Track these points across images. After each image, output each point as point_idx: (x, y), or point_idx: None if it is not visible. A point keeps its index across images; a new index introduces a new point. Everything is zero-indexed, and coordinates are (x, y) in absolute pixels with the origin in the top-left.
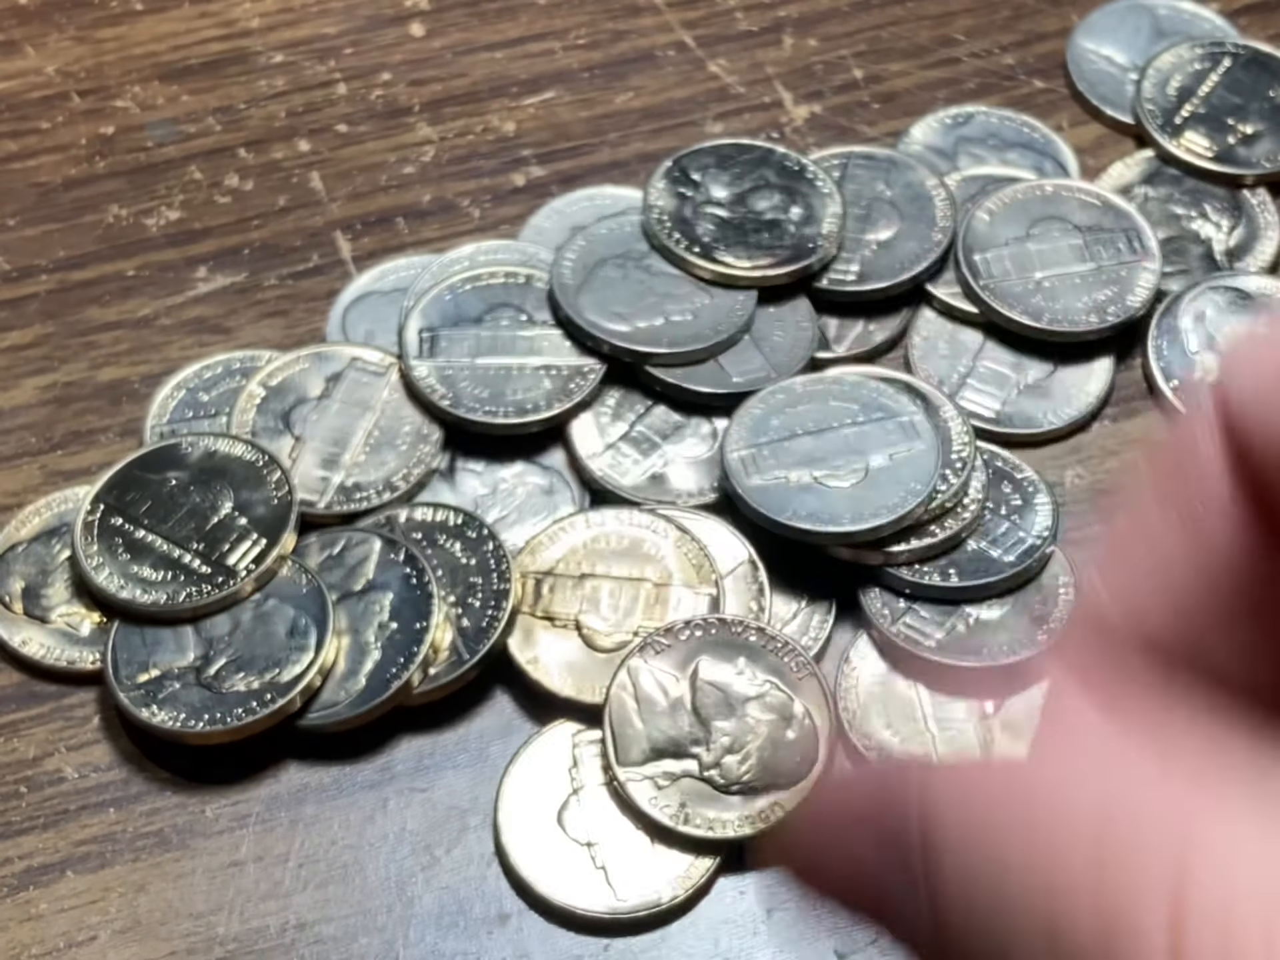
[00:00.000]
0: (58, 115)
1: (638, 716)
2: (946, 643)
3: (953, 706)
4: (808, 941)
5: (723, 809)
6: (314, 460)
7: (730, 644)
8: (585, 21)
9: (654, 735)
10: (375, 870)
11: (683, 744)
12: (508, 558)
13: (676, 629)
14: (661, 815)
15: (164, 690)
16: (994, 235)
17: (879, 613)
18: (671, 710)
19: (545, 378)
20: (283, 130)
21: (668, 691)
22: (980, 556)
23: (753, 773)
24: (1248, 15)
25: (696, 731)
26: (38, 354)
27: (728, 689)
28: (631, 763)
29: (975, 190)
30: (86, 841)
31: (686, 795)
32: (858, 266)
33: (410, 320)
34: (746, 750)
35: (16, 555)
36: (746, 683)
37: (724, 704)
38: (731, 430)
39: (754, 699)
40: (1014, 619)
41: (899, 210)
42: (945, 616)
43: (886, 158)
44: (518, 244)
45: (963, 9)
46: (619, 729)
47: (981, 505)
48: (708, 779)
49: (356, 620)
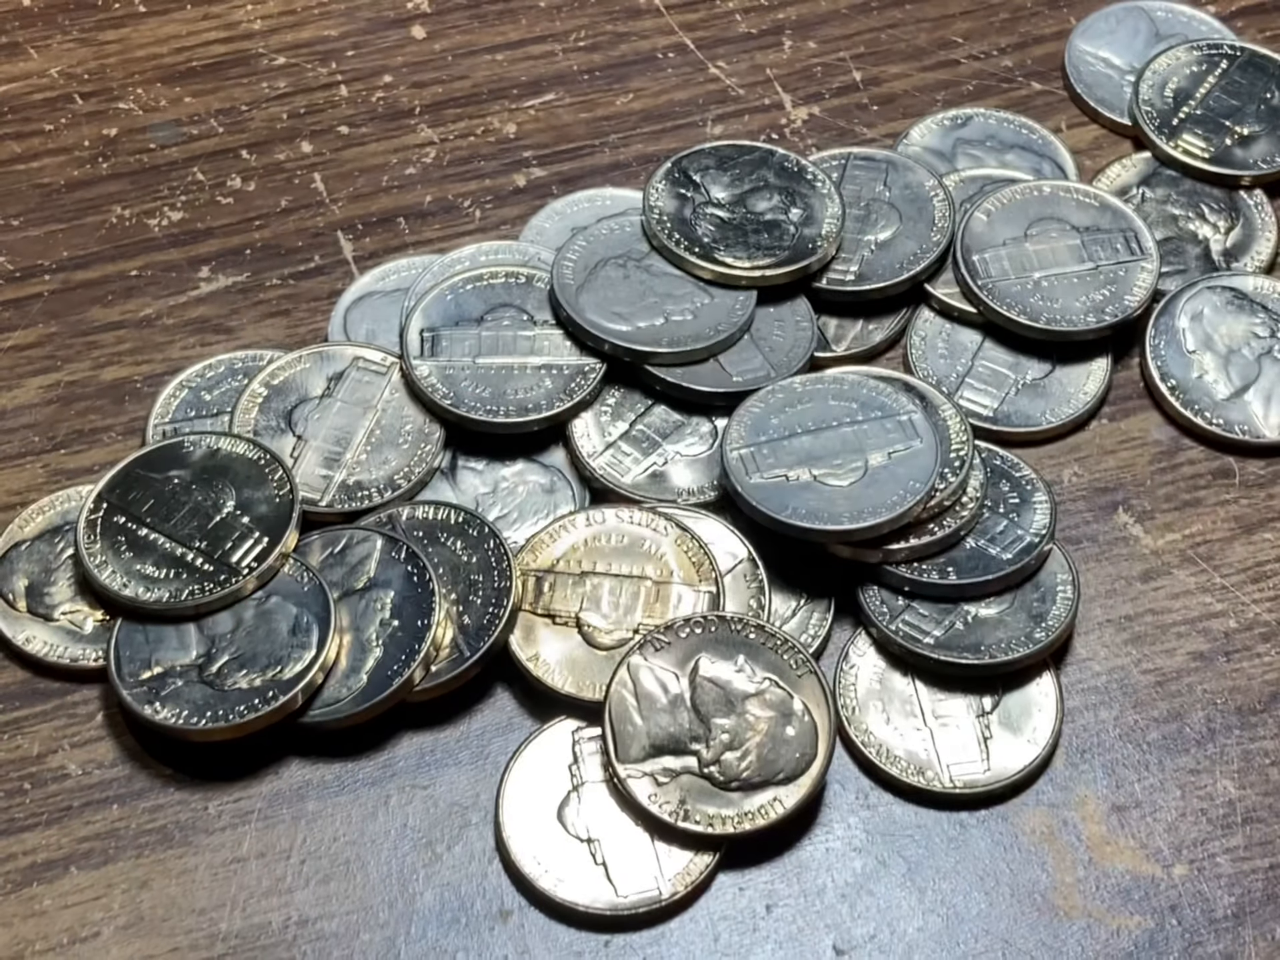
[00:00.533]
0: (61, 117)
1: (638, 713)
2: (945, 640)
3: (951, 702)
4: (806, 937)
5: (722, 805)
6: (316, 459)
7: (730, 641)
8: (586, 24)
9: (654, 732)
10: (377, 866)
11: (682, 741)
12: (509, 555)
13: (676, 626)
14: (661, 812)
15: (166, 687)
16: (992, 235)
17: (877, 610)
18: (671, 707)
19: (546, 377)
20: (285, 132)
21: (668, 689)
22: (978, 554)
23: (752, 769)
24: (1244, 17)
25: (696, 728)
26: (41, 354)
27: (727, 686)
28: (632, 759)
29: (974, 191)
30: (90, 838)
31: (686, 792)
32: (857, 267)
33: (412, 320)
34: (746, 747)
35: (20, 553)
36: (746, 680)
37: (724, 701)
38: (731, 429)
39: (753, 696)
40: (1012, 616)
41: (898, 211)
42: (944, 614)
43: (885, 159)
44: (519, 244)
45: (961, 12)
46: (619, 726)
47: (979, 503)
48: (708, 775)
49: (358, 618)
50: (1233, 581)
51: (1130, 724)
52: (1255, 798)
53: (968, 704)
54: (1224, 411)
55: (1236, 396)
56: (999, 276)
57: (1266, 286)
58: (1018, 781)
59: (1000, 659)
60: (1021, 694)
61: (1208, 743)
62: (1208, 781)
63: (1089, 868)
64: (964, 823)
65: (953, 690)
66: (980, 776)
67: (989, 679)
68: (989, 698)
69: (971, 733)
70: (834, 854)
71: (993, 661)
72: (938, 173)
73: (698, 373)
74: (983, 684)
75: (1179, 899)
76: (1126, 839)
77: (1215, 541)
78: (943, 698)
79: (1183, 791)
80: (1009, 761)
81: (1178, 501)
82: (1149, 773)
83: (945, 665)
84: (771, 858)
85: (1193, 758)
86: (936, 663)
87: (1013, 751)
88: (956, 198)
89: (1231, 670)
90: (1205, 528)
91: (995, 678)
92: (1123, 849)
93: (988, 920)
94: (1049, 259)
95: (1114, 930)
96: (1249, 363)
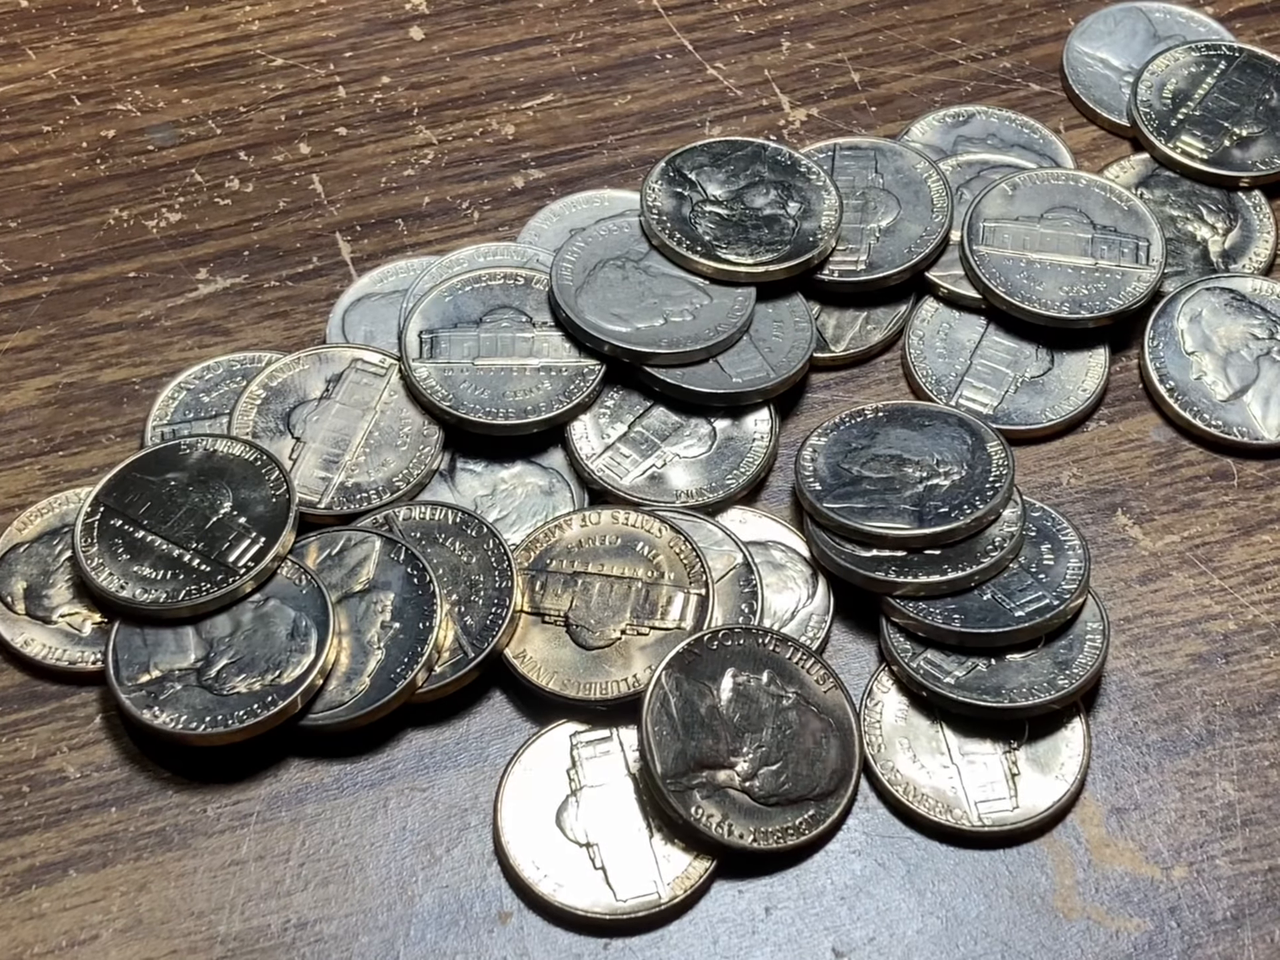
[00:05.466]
0: (59, 118)
1: (675, 729)
2: (966, 680)
3: (977, 739)
4: (805, 939)
5: (763, 821)
6: (314, 461)
7: (756, 655)
8: (584, 25)
9: (690, 749)
10: (376, 869)
11: (721, 756)
12: (508, 555)
13: (705, 640)
14: (708, 827)
15: (165, 691)
16: (1009, 209)
17: (900, 647)
18: (707, 722)
19: (545, 379)
20: (283, 133)
21: (701, 704)
22: (992, 607)
23: (790, 783)
24: (1243, 19)
25: (733, 743)
26: (39, 355)
27: (759, 700)
28: (672, 774)
29: (970, 176)
30: (88, 840)
31: (728, 808)
32: (866, 256)
33: (411, 322)
34: (783, 761)
35: (18, 556)
36: (776, 694)
37: (756, 715)
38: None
39: (784, 710)
40: (1037, 661)
41: (894, 196)
42: (966, 654)
43: (871, 146)
44: (517, 246)
45: (959, 13)
46: (657, 741)
47: (1005, 556)
48: (747, 790)
49: (358, 620)
50: (1232, 583)
51: (1129, 726)
52: (1254, 800)
53: (994, 740)
54: (1222, 413)
55: (1235, 398)
56: (996, 247)
57: (1265, 288)
58: (1045, 820)
59: (1021, 704)
60: (1049, 730)
61: (1207, 745)
62: (1207, 784)
63: (1088, 870)
64: None
65: (978, 728)
66: (1009, 815)
67: (1012, 722)
68: (1015, 736)
69: (999, 769)
70: (833, 856)
71: (1013, 706)
72: (927, 156)
73: (697, 373)
74: (1008, 725)
75: (1178, 901)
76: (1126, 841)
77: (1214, 543)
78: (969, 734)
79: (1182, 794)
80: (1037, 799)
81: (1176, 503)
82: (1148, 775)
83: (965, 706)
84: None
85: (1192, 760)
86: (956, 703)
87: (1041, 788)
88: (953, 181)
89: (1230, 672)
90: (1204, 529)
91: (1019, 721)
92: (1122, 851)
93: (987, 922)
94: (1052, 244)
95: (1113, 932)
96: (1247, 364)
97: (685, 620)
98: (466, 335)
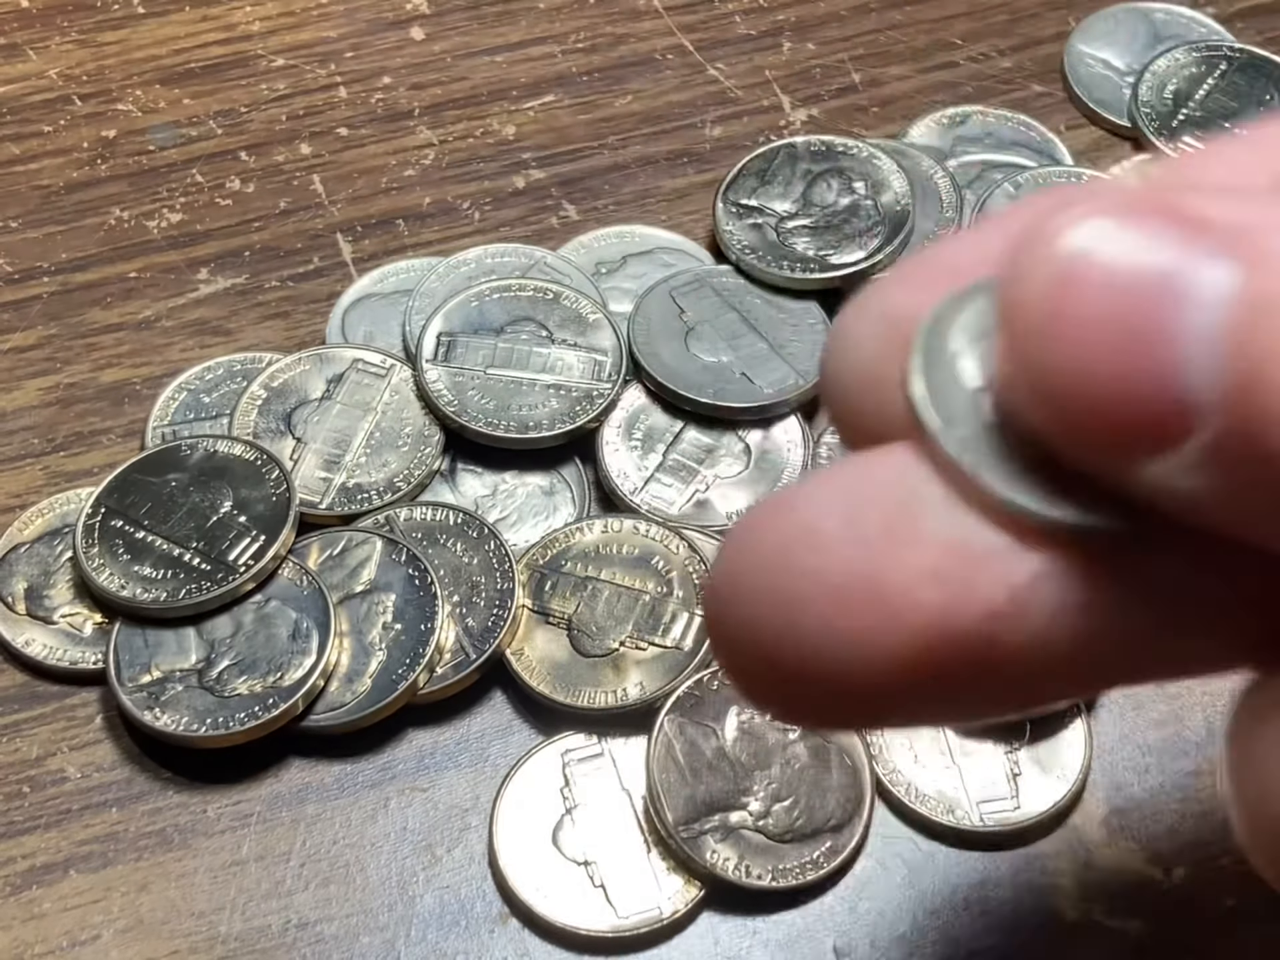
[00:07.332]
0: (60, 119)
1: (682, 774)
2: None
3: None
4: (806, 939)
5: (778, 859)
6: (315, 461)
7: None
8: (585, 25)
9: (700, 793)
10: (376, 869)
11: (732, 797)
12: (510, 556)
13: (705, 680)
14: (724, 870)
15: (166, 692)
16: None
17: None
18: (714, 764)
19: (553, 397)
20: (284, 133)
21: (706, 745)
22: None
23: (804, 817)
24: (1244, 19)
25: (743, 782)
26: (40, 356)
27: (764, 737)
28: (684, 821)
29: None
30: (89, 841)
31: (744, 849)
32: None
33: (432, 323)
34: (794, 796)
35: (19, 556)
36: (782, 728)
37: (763, 752)
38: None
39: (790, 744)
40: None
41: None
42: None
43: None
44: (524, 247)
45: (960, 13)
46: (665, 789)
47: None
48: (761, 829)
49: (359, 621)
50: None
51: (1130, 726)
52: None
53: (995, 740)
54: None
55: None
56: None
57: None
58: (1048, 820)
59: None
60: (1050, 731)
61: (1208, 745)
62: (1208, 784)
63: (1089, 870)
64: None
65: (980, 728)
66: (1011, 815)
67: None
68: (1016, 736)
69: (1000, 770)
70: None
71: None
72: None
73: (726, 389)
74: (1009, 725)
75: (1179, 901)
76: (1127, 841)
77: None
78: (970, 734)
79: (1183, 794)
80: (1039, 799)
81: None
82: (1149, 775)
83: None
84: None
85: (1193, 760)
86: None
87: (1042, 789)
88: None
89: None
90: None
91: (1020, 721)
92: (1123, 851)
93: (988, 923)
94: None
95: (1114, 932)
96: None
97: (685, 641)
98: (484, 343)
